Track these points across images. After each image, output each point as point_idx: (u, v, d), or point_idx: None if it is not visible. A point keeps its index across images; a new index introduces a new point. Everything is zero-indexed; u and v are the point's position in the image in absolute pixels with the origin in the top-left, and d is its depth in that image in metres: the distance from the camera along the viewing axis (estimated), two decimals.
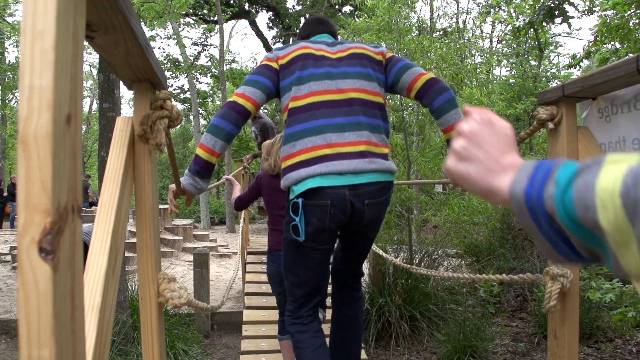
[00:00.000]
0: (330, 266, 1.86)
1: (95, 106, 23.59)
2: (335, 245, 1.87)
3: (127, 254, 6.39)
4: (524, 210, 0.47)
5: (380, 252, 3.29)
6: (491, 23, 17.03)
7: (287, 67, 1.62)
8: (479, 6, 16.31)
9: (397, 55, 1.73)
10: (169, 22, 12.46)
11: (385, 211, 1.67)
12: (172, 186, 1.64)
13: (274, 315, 3.54)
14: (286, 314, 1.81)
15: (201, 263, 4.50)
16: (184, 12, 13.09)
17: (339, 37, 1.97)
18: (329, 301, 2.11)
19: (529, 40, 13.91)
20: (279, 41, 18.94)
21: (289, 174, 1.56)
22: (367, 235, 1.73)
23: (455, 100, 1.62)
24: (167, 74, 14.28)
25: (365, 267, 4.90)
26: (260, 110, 5.18)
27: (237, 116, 1.54)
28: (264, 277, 4.14)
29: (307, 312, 1.75)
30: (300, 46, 1.64)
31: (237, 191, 2.89)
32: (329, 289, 1.93)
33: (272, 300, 3.73)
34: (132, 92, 1.12)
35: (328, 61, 1.61)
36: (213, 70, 15.18)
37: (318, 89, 1.56)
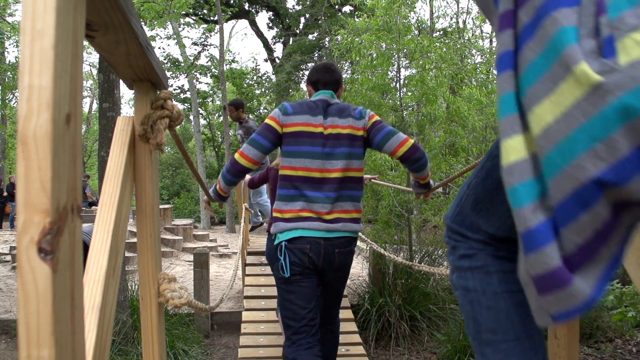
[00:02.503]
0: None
1: (95, 106, 23.59)
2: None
3: (127, 254, 6.40)
4: None
5: (381, 250, 3.29)
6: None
7: (288, 137, 2.02)
8: None
9: (379, 123, 2.07)
10: (169, 22, 12.46)
11: (351, 261, 2.14)
12: (205, 198, 2.31)
13: (272, 315, 3.56)
14: (286, 343, 2.07)
15: (201, 263, 4.50)
16: (184, 12, 13.09)
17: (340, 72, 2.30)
18: None
19: None
20: (279, 41, 18.95)
21: (279, 223, 2.01)
22: (339, 279, 2.16)
23: (426, 163, 2.08)
24: (167, 74, 14.27)
25: (365, 267, 4.91)
26: (246, 115, 5.66)
27: (237, 172, 2.06)
28: (263, 280, 4.16)
29: (306, 340, 2.01)
30: (302, 122, 2.00)
31: (248, 175, 3.49)
32: None
33: (271, 303, 3.75)
34: (132, 92, 1.12)
35: (320, 139, 2.00)
36: (213, 70, 15.16)
37: (309, 166, 1.98)
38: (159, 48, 16.15)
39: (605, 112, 0.51)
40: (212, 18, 15.68)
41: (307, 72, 16.89)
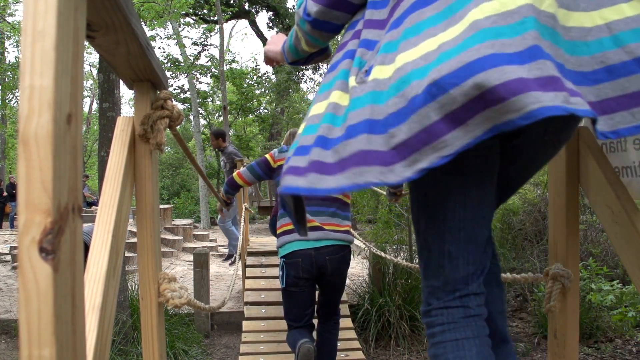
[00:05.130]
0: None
1: (95, 106, 23.57)
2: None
3: (127, 254, 6.39)
4: (285, 46, 1.16)
5: (380, 252, 3.29)
6: None
7: (280, 169, 2.42)
8: None
9: None
10: (169, 22, 12.45)
11: (345, 267, 2.54)
12: (219, 205, 3.00)
13: (273, 325, 3.59)
14: (288, 333, 2.54)
15: (201, 263, 4.50)
16: (184, 12, 13.08)
17: None
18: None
19: None
20: None
21: (280, 237, 2.49)
22: (335, 283, 2.56)
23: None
24: (167, 74, 14.25)
25: (366, 267, 4.90)
26: (227, 143, 6.26)
27: (233, 186, 2.73)
28: (264, 284, 4.17)
29: (302, 329, 2.46)
30: None
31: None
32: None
33: (271, 310, 3.76)
34: (132, 92, 1.12)
35: None
36: (213, 70, 15.15)
37: None
38: (159, 48, 16.14)
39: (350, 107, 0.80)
40: (212, 18, 15.67)
41: (307, 72, 16.91)
